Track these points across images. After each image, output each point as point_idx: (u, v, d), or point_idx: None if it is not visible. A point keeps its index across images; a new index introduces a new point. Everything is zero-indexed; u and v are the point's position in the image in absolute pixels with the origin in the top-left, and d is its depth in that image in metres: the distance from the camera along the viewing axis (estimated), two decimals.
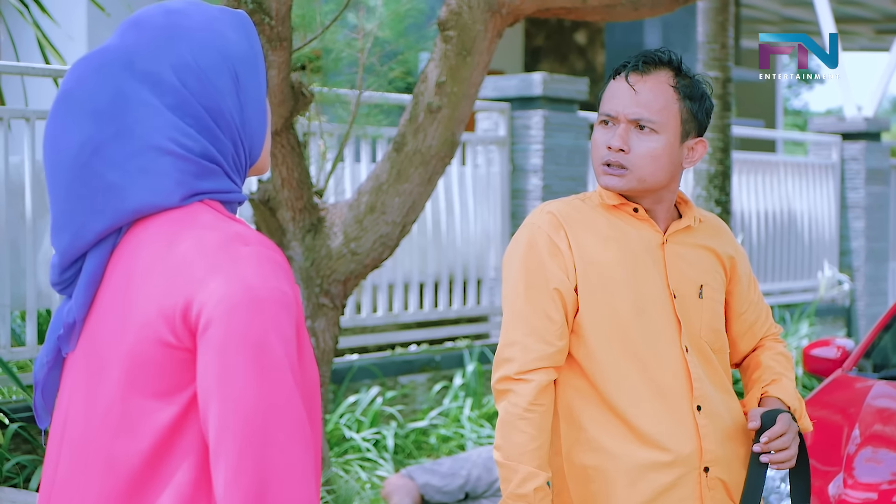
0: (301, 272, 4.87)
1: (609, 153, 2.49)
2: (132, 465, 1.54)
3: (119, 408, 1.55)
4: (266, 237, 1.64)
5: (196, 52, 1.62)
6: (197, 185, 1.60)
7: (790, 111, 37.98)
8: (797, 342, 9.31)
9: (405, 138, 4.83)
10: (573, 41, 13.76)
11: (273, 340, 1.51)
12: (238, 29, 1.67)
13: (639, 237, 2.53)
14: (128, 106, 1.60)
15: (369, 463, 6.05)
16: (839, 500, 3.99)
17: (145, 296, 1.55)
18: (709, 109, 2.56)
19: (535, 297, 2.47)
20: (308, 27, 5.30)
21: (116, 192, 1.59)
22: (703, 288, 2.55)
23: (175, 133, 1.59)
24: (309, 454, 1.51)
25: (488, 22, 4.67)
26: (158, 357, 1.53)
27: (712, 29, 7.11)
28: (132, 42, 1.62)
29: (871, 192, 11.32)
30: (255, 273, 1.53)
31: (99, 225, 1.60)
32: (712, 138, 7.17)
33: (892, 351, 5.30)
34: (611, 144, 2.47)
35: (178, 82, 1.60)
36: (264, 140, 1.69)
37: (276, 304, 1.53)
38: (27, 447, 5.00)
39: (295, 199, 4.84)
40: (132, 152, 1.58)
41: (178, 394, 1.53)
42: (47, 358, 1.67)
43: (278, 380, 1.50)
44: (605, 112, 2.50)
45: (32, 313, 5.34)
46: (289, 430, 1.49)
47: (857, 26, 17.63)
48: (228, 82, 1.63)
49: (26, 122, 5.38)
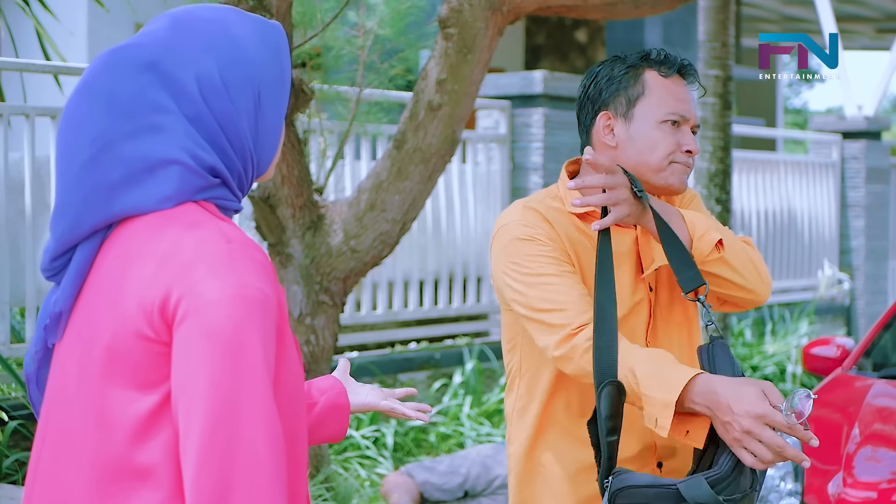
0: (301, 269, 4.87)
1: (688, 157, 2.52)
2: (113, 456, 1.54)
3: (99, 399, 1.55)
4: (250, 237, 1.63)
5: (223, 68, 1.61)
6: (195, 196, 1.60)
7: (790, 110, 37.97)
8: (797, 340, 9.31)
9: (405, 136, 4.83)
10: (574, 39, 13.75)
11: (248, 339, 1.50)
12: (270, 47, 1.65)
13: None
14: (147, 107, 1.59)
15: (368, 461, 6.05)
16: (839, 499, 3.99)
17: (127, 289, 1.55)
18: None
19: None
20: (308, 24, 5.29)
21: (115, 191, 1.58)
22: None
23: (190, 143, 1.59)
24: (276, 455, 1.49)
25: (489, 20, 4.66)
26: (136, 350, 1.53)
27: (713, 27, 7.10)
28: (163, 42, 1.61)
29: (871, 190, 11.31)
30: (234, 270, 1.52)
31: (92, 219, 1.59)
32: (713, 137, 7.17)
33: (891, 350, 5.30)
34: (691, 149, 2.51)
35: (198, 95, 1.59)
36: (275, 155, 1.69)
37: (255, 302, 1.51)
38: (26, 444, 5.00)
39: (295, 197, 4.84)
40: (142, 154, 1.58)
41: (157, 387, 1.53)
42: (36, 349, 1.67)
43: (250, 378, 1.49)
44: (679, 112, 2.52)
45: (32, 310, 5.34)
46: (257, 429, 1.48)
47: (858, 25, 17.62)
48: (249, 103, 1.62)
49: (26, 118, 5.37)
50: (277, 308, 1.55)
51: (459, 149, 7.38)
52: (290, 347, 1.61)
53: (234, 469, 1.46)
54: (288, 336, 1.60)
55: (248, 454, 1.47)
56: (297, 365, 1.63)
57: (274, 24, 1.69)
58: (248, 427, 1.47)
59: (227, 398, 1.47)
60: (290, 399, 1.60)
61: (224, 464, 1.46)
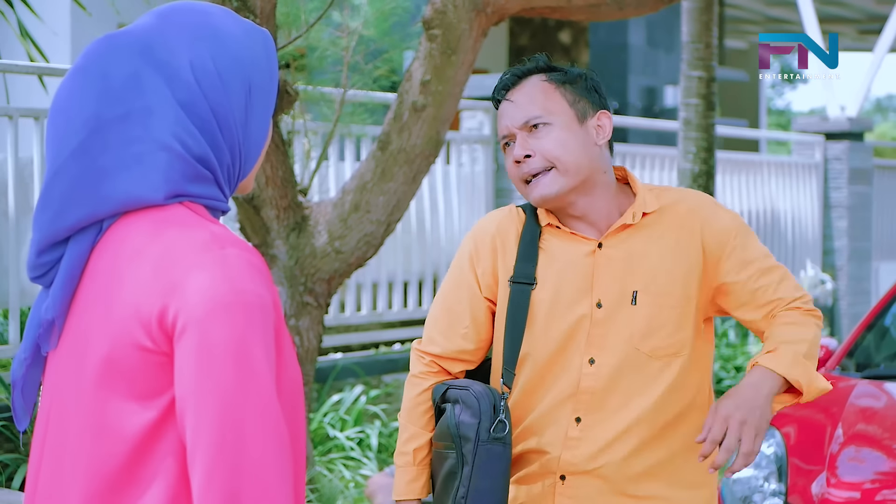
0: (285, 271, 4.86)
1: (520, 168, 2.44)
2: (112, 468, 1.52)
3: (99, 410, 1.53)
4: (245, 240, 1.62)
5: (217, 55, 1.59)
6: (185, 186, 1.58)
7: (773, 111, 38.07)
8: None
9: (390, 137, 4.83)
10: (558, 40, 13.76)
11: (250, 345, 1.48)
12: (261, 47, 1.64)
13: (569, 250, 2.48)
14: (140, 91, 1.57)
15: (353, 462, 6.04)
16: (822, 499, 4.00)
17: (122, 298, 1.53)
18: (593, 87, 2.50)
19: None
20: (293, 25, 5.29)
21: (102, 178, 1.56)
22: (639, 293, 2.44)
23: (180, 130, 1.57)
24: (285, 461, 1.49)
25: (473, 21, 4.66)
26: (136, 361, 1.51)
27: (696, 29, 7.11)
28: (156, 30, 1.60)
29: (854, 191, 11.36)
30: (231, 276, 1.50)
31: (78, 209, 1.57)
32: (696, 137, 7.18)
33: (875, 350, 5.32)
34: (516, 156, 2.43)
35: (193, 79, 1.58)
36: (258, 158, 1.67)
37: (254, 307, 1.50)
38: (9, 446, 4.99)
39: (279, 198, 4.83)
40: (132, 139, 1.56)
41: (158, 397, 1.51)
42: (25, 355, 1.64)
43: (255, 385, 1.48)
44: (501, 135, 2.48)
45: (15, 311, 5.32)
46: (264, 436, 1.47)
47: (841, 26, 17.68)
48: (241, 93, 1.61)
49: (9, 119, 5.35)
50: (274, 309, 1.54)
51: (444, 150, 7.38)
52: (288, 347, 1.60)
53: (242, 481, 1.45)
54: (285, 336, 1.59)
55: (256, 466, 1.46)
56: (294, 365, 1.61)
57: (263, 29, 1.69)
58: (256, 438, 1.46)
59: (233, 410, 1.46)
60: (291, 400, 1.59)
61: (233, 474, 1.45)
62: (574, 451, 2.44)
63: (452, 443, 2.42)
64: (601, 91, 2.51)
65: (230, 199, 3.22)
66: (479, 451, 2.39)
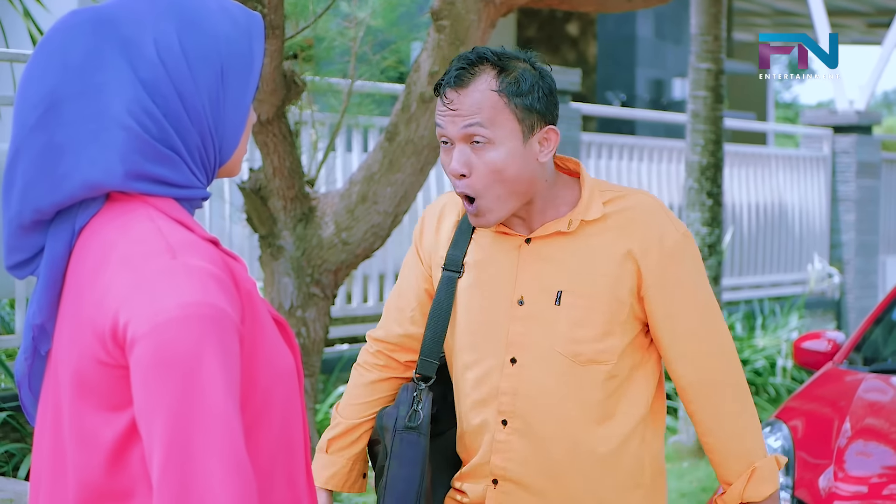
0: (292, 262, 4.86)
1: (455, 181, 2.30)
2: (92, 479, 1.50)
3: (78, 420, 1.51)
4: (206, 247, 1.52)
5: (183, 35, 1.55)
6: (144, 167, 1.52)
7: (781, 104, 38.01)
8: (787, 335, 9.32)
9: (397, 128, 4.81)
10: (565, 32, 13.74)
11: (202, 359, 1.42)
12: (240, 26, 1.59)
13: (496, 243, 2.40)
14: (100, 66, 1.53)
15: None
16: (829, 493, 3.99)
17: (83, 311, 1.50)
18: (546, 95, 2.29)
19: None
20: (301, 16, 5.28)
21: (59, 155, 1.52)
22: (563, 293, 2.32)
23: (137, 109, 1.52)
24: (237, 476, 1.42)
25: (481, 12, 4.65)
26: (99, 375, 1.48)
27: (705, 21, 7.09)
28: (125, 6, 1.57)
29: (861, 185, 11.33)
30: (180, 289, 1.44)
31: (39, 187, 1.53)
32: (704, 130, 7.16)
33: (882, 344, 5.31)
34: (453, 171, 2.29)
35: (157, 58, 1.53)
36: (238, 143, 1.61)
37: (205, 319, 1.43)
38: (16, 435, 4.99)
39: (286, 189, 4.82)
40: (89, 115, 1.52)
41: (126, 408, 1.47)
42: (25, 355, 1.62)
43: (205, 401, 1.41)
44: (439, 133, 2.34)
45: (21, 301, 5.32)
46: (214, 453, 1.40)
47: (849, 20, 17.64)
48: (210, 75, 1.56)
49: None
50: (234, 319, 1.48)
51: None
52: (270, 344, 1.55)
53: (191, 496, 1.40)
54: (263, 335, 1.54)
55: (205, 483, 1.40)
56: (283, 356, 1.57)
57: (252, 12, 1.64)
58: (206, 455, 1.40)
59: (181, 427, 1.41)
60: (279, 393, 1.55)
61: (180, 489, 1.40)
62: (503, 454, 2.37)
63: (382, 435, 2.47)
64: (555, 96, 2.33)
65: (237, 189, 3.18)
66: (395, 439, 2.42)
